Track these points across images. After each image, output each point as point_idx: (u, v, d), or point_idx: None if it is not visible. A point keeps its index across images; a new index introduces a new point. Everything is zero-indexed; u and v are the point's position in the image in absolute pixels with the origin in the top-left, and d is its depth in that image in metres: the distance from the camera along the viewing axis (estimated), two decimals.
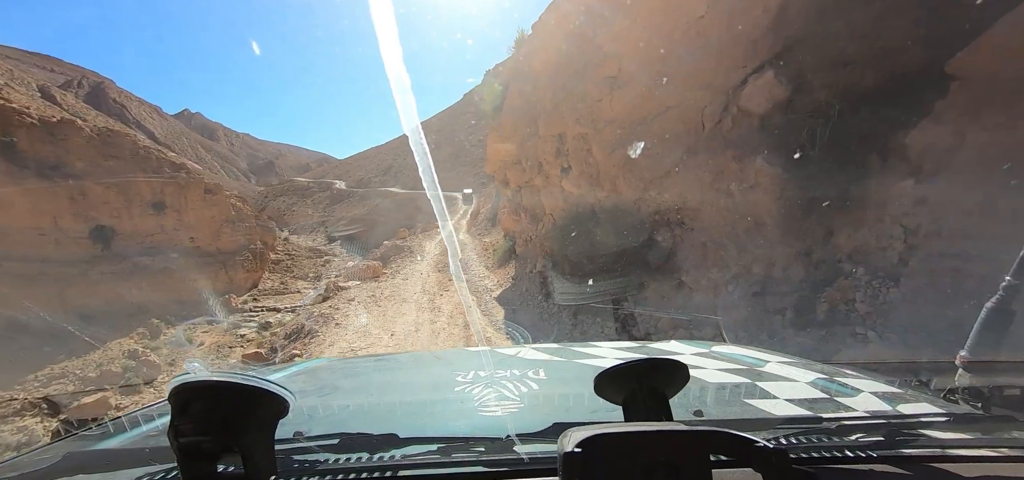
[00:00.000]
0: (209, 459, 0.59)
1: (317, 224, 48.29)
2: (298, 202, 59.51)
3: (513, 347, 2.64)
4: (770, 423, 0.97)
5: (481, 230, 23.49)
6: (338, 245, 37.86)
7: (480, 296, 12.14)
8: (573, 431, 0.57)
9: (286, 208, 57.89)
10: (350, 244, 36.38)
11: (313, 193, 60.77)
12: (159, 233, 19.35)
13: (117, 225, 18.00)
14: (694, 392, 1.18)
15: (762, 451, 0.57)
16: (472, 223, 28.04)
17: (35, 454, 0.96)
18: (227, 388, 0.61)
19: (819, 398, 1.16)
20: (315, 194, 60.12)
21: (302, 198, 60.46)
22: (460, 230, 27.04)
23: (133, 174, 18.50)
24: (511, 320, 9.88)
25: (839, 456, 0.79)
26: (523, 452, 0.79)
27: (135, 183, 18.49)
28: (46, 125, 16.28)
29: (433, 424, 1.12)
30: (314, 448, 0.84)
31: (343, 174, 67.14)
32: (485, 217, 25.52)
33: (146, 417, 1.11)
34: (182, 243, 20.13)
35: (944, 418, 0.93)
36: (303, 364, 2.01)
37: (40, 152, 15.96)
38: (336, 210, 51.31)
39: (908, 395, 1.16)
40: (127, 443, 1.01)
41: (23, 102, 15.93)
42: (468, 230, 26.16)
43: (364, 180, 55.52)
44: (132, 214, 18.52)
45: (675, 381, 0.80)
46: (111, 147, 18.13)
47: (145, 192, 18.87)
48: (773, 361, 1.49)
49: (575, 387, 1.28)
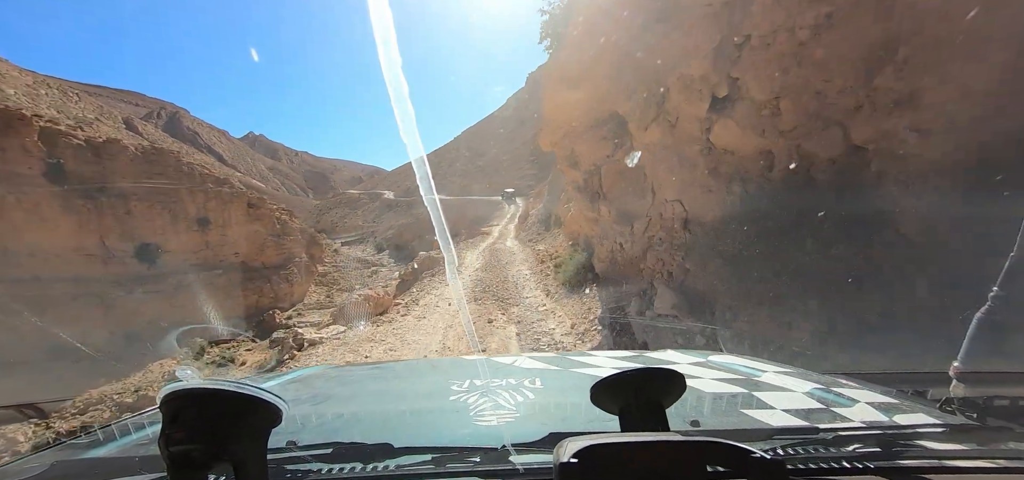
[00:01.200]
0: (200, 468, 0.58)
1: (367, 234, 48.92)
2: (349, 213, 60.97)
3: (509, 356, 2.37)
4: (767, 433, 0.97)
5: (532, 235, 21.50)
6: (386, 255, 37.64)
7: (541, 345, 7.56)
8: (569, 441, 0.57)
9: (338, 220, 59.59)
10: (398, 253, 35.94)
11: (363, 204, 62.13)
12: (204, 249, 19.07)
13: (162, 243, 17.79)
14: (691, 402, 1.18)
15: (759, 461, 0.57)
16: (521, 227, 26.12)
17: (21, 463, 0.95)
18: (219, 396, 0.60)
19: (815, 408, 1.16)
20: (365, 205, 61.43)
21: (353, 209, 61.97)
22: (507, 236, 25.13)
23: (177, 191, 18.27)
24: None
25: (836, 466, 0.79)
26: (518, 462, 0.79)
27: (179, 200, 18.26)
28: (92, 145, 16.18)
29: (428, 433, 1.11)
30: (307, 457, 0.84)
31: (392, 184, 68.36)
32: (536, 220, 23.37)
33: (136, 425, 1.11)
34: (227, 258, 19.79)
35: (940, 429, 0.93)
36: (297, 372, 1.98)
37: (85, 172, 15.86)
38: (385, 219, 51.71)
39: (904, 405, 1.16)
40: (117, 452, 1.00)
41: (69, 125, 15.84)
42: (517, 235, 24.24)
43: (410, 189, 55.75)
44: (178, 231, 18.29)
45: (672, 391, 0.80)
46: (155, 165, 17.97)
47: (190, 209, 18.61)
48: (770, 371, 1.51)
49: (572, 397, 1.30)
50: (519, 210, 34.29)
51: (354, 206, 63.16)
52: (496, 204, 38.74)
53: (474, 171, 55.76)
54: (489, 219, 33.78)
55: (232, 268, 19.66)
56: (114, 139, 16.92)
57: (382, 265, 32.85)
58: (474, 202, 40.57)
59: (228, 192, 19.87)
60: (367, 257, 37.59)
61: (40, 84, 68.77)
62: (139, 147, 17.80)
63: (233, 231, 20.14)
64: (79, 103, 78.24)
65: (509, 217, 32.78)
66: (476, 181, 51.34)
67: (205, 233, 19.09)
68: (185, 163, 18.89)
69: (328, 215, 63.42)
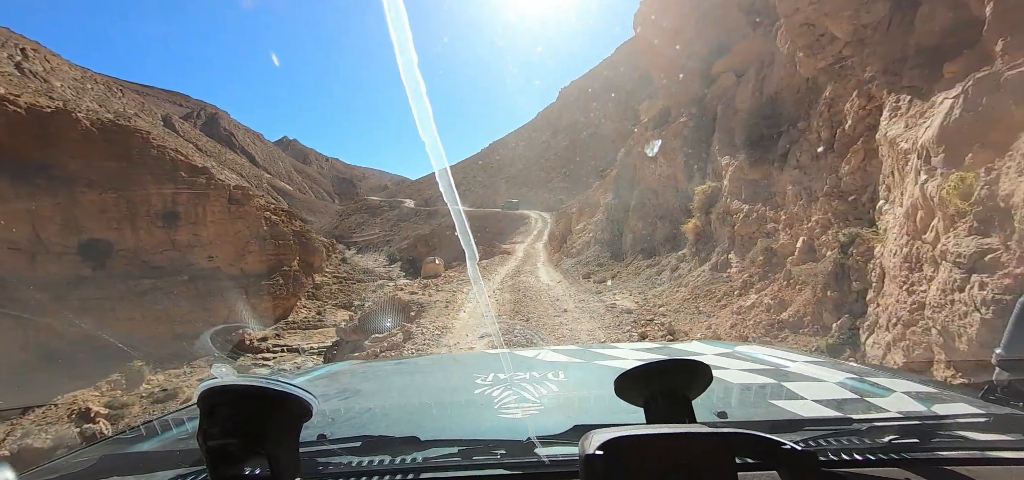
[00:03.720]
0: (236, 461, 0.60)
1: (384, 242, 46.42)
2: (369, 220, 58.99)
3: (532, 349, 2.08)
4: (797, 424, 0.92)
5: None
6: (398, 267, 34.35)
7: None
8: (594, 433, 0.56)
9: (357, 226, 57.58)
10: (410, 267, 32.61)
11: (383, 211, 60.20)
12: (168, 249, 15.97)
13: (116, 240, 14.73)
14: (717, 393, 1.11)
15: (790, 453, 0.56)
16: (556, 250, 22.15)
17: (73, 457, 0.99)
18: (253, 392, 0.62)
19: (849, 398, 1.11)
20: (385, 212, 59.49)
21: (373, 216, 60.00)
22: (535, 259, 21.15)
23: (140, 178, 15.27)
24: None
25: (872, 459, 0.76)
26: (544, 455, 0.79)
27: (142, 189, 15.25)
28: (36, 115, 13.24)
29: (453, 426, 1.11)
30: (337, 451, 0.85)
31: (414, 193, 66.22)
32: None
33: (177, 421, 1.16)
34: (197, 263, 16.64)
35: (983, 418, 0.89)
36: (325, 368, 2.15)
37: (24, 150, 12.92)
38: (403, 228, 49.14)
39: (943, 395, 1.12)
40: (159, 446, 1.04)
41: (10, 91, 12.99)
42: (553, 262, 20.27)
43: (432, 198, 53.13)
44: (136, 226, 15.25)
45: (697, 382, 0.78)
46: (115, 145, 15.03)
47: (154, 201, 15.59)
48: (799, 361, 1.47)
49: (595, 389, 1.28)
50: (547, 226, 30.46)
51: (375, 213, 61.29)
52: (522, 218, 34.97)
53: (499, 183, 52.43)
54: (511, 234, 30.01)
55: (202, 274, 16.48)
56: (64, 111, 14.01)
57: (390, 278, 29.49)
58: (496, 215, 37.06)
59: (205, 184, 16.80)
60: (377, 267, 34.45)
61: (87, 79, 70.14)
62: (95, 120, 14.88)
63: (208, 231, 17.03)
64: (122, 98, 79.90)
65: (536, 234, 28.86)
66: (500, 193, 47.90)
67: (172, 230, 16.01)
68: (155, 146, 15.91)
69: (347, 221, 61.70)
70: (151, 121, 76.28)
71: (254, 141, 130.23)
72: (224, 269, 17.21)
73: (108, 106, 62.68)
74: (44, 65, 56.80)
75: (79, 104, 44.34)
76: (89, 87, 67.46)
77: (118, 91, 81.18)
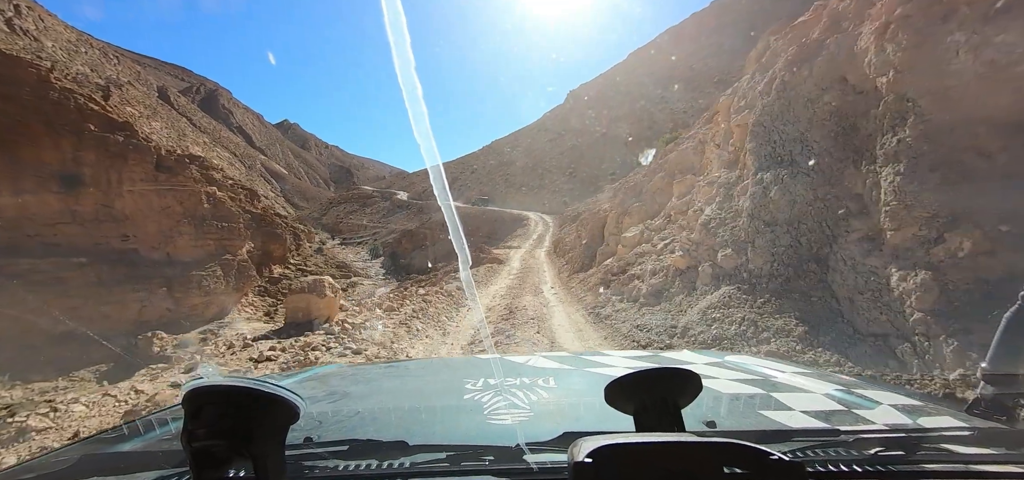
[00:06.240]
0: (221, 464, 0.59)
1: (370, 234, 43.15)
2: (358, 210, 55.66)
3: (523, 355, 2.07)
4: (786, 435, 0.93)
5: (574, 281, 13.96)
6: (379, 263, 30.87)
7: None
8: (583, 441, 0.57)
9: (345, 215, 54.24)
10: (392, 263, 29.18)
11: (375, 202, 56.94)
12: (67, 222, 12.48)
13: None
14: (707, 402, 1.13)
15: (777, 464, 0.56)
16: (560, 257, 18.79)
17: (50, 456, 0.97)
18: (239, 393, 0.61)
19: (836, 410, 1.12)
20: (376, 203, 56.26)
21: (363, 207, 56.69)
22: (541, 272, 17.74)
23: (31, 126, 11.78)
24: None
25: (858, 470, 0.77)
26: (532, 461, 0.78)
27: (32, 140, 11.77)
28: None
29: (442, 432, 1.10)
30: (324, 454, 0.84)
31: (409, 186, 62.90)
32: (579, 249, 15.53)
33: (160, 421, 1.12)
34: (107, 240, 13.15)
35: (967, 431, 0.90)
36: (314, 370, 2.00)
37: None
38: (392, 221, 45.77)
39: (929, 407, 1.12)
40: (142, 446, 1.01)
41: None
42: (559, 277, 16.90)
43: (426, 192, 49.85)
44: (22, 188, 11.77)
45: (687, 391, 0.79)
46: (3, 83, 11.53)
47: (48, 156, 12.09)
48: (788, 372, 1.47)
49: (586, 396, 1.29)
50: (548, 230, 27.02)
51: (366, 203, 57.92)
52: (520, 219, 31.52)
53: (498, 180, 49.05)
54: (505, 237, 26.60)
55: (110, 257, 12.99)
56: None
57: (367, 277, 26.01)
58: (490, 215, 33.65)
59: (122, 142, 13.29)
60: (355, 262, 30.97)
61: (82, 42, 66.44)
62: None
63: (126, 202, 13.55)
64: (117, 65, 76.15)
65: (536, 239, 25.41)
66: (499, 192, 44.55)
67: (73, 198, 12.51)
68: (56, 88, 12.40)
69: (336, 209, 58.29)
70: (143, 90, 72.81)
71: (253, 122, 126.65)
72: (144, 253, 13.71)
73: (100, 71, 59.29)
74: (37, 24, 53.37)
75: (70, 66, 40.81)
76: (83, 50, 63.97)
77: (114, 58, 77.69)
